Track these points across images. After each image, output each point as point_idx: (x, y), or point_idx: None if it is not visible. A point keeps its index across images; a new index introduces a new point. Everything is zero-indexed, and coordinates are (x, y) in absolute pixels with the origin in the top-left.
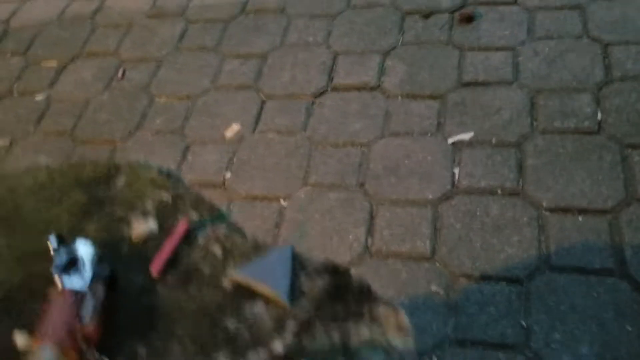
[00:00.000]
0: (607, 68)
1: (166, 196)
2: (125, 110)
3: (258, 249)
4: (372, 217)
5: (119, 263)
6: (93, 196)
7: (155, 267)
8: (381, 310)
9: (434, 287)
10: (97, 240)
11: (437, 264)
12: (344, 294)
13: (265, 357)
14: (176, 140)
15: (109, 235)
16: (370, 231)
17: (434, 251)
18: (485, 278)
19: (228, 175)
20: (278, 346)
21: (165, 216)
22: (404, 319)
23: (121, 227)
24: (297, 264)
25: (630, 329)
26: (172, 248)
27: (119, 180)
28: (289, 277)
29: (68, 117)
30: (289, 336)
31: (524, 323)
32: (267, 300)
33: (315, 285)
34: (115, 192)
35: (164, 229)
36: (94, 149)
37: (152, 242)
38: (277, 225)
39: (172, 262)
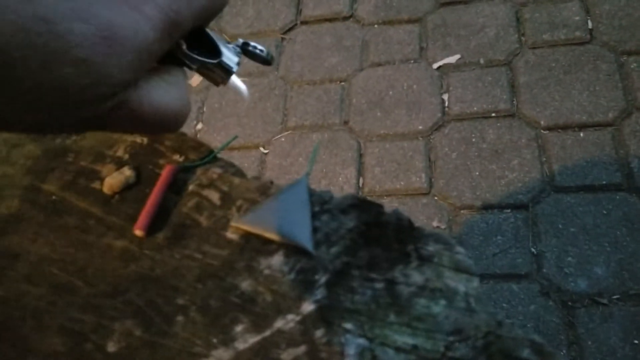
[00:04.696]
0: None
1: (140, 139)
2: None
3: (264, 188)
4: (361, 156)
5: (92, 221)
6: (49, 148)
7: (139, 225)
8: (431, 248)
9: (435, 223)
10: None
11: (436, 198)
12: (380, 233)
13: (296, 322)
14: None
15: (76, 191)
16: (360, 171)
17: (430, 185)
18: (488, 207)
19: (199, 126)
20: (309, 306)
21: (143, 163)
22: (462, 253)
23: (90, 180)
24: (317, 201)
25: None
26: (157, 199)
27: None
28: (309, 218)
29: None
30: (321, 292)
31: (534, 250)
32: (287, 251)
33: (343, 226)
34: (76, 141)
35: (143, 179)
36: None
37: (131, 196)
38: (261, 175)
39: (160, 216)
